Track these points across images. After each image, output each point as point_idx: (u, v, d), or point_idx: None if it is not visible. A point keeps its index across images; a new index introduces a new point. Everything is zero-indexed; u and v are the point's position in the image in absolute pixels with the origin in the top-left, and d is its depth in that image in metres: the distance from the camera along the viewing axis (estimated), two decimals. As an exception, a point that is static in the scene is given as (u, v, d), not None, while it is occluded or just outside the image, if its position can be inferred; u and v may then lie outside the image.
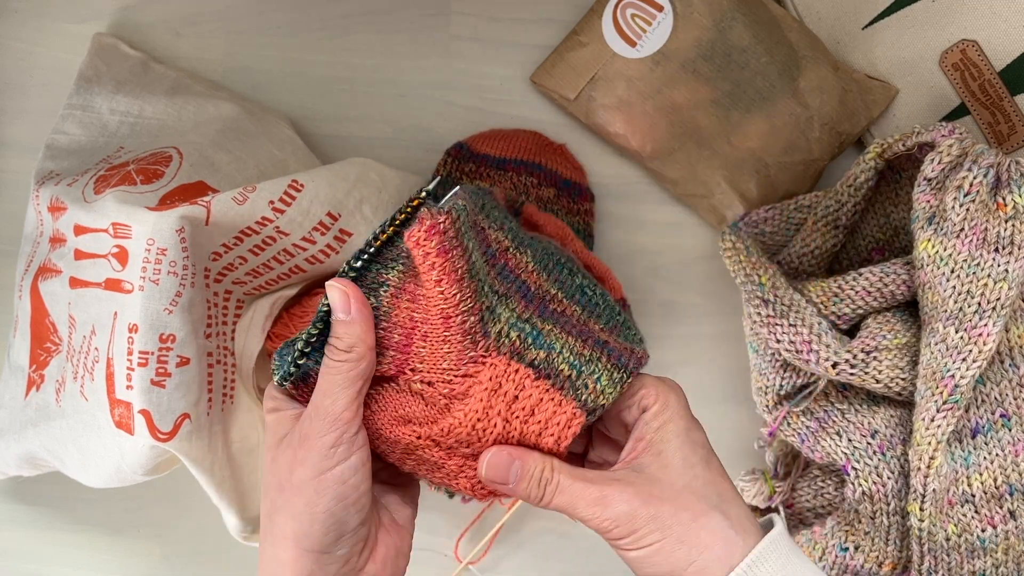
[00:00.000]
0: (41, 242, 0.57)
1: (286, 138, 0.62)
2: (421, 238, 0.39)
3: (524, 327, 0.41)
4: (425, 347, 0.41)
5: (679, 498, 0.39)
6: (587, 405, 0.40)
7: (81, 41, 0.64)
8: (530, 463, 0.40)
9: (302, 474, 0.40)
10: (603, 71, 0.62)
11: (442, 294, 0.39)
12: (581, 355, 0.41)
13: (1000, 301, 0.50)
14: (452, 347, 0.41)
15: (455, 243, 0.39)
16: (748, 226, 0.59)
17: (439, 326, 0.40)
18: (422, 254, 0.39)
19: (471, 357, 0.41)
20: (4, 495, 0.67)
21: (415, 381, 0.41)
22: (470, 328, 0.40)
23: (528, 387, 0.40)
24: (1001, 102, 0.59)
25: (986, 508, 0.52)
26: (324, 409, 0.40)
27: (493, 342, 0.41)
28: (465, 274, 0.40)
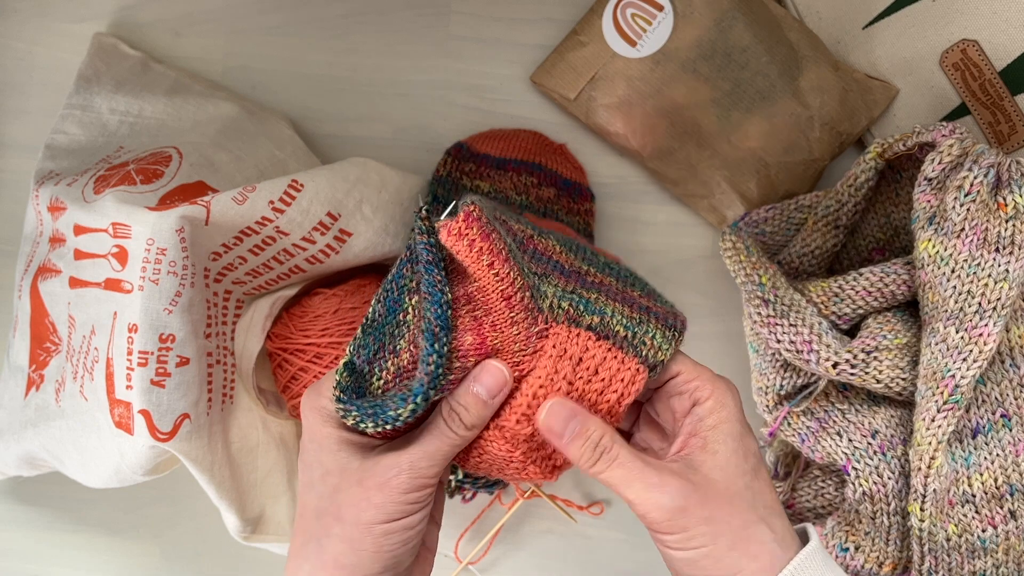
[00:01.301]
0: (41, 242, 0.57)
1: (286, 138, 0.62)
2: (462, 228, 0.39)
3: (573, 297, 0.42)
4: (498, 337, 0.41)
5: (732, 503, 0.38)
6: (648, 361, 0.41)
7: (81, 41, 0.64)
8: (591, 424, 0.39)
9: (373, 516, 0.39)
10: (603, 71, 0.62)
11: (496, 275, 0.40)
12: (632, 317, 0.42)
13: (1000, 301, 0.50)
14: (519, 327, 0.41)
15: (491, 226, 0.40)
16: (748, 226, 0.59)
17: (503, 310, 0.40)
18: (467, 243, 0.39)
19: (537, 332, 0.41)
20: (4, 495, 0.67)
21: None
22: (528, 303, 0.41)
23: (592, 348, 0.41)
24: (1001, 102, 0.59)
25: (987, 508, 0.52)
26: (419, 470, 0.39)
27: (549, 314, 0.41)
28: (510, 254, 0.40)
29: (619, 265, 0.48)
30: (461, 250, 0.40)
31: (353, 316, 0.56)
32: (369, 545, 0.39)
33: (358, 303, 0.57)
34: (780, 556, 0.38)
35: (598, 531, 0.65)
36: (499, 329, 0.41)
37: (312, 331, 0.56)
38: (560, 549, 0.66)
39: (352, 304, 0.57)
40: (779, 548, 0.38)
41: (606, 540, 0.65)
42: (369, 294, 0.58)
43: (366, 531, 0.39)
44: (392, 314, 0.42)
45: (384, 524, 0.39)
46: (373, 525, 0.39)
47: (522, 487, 0.61)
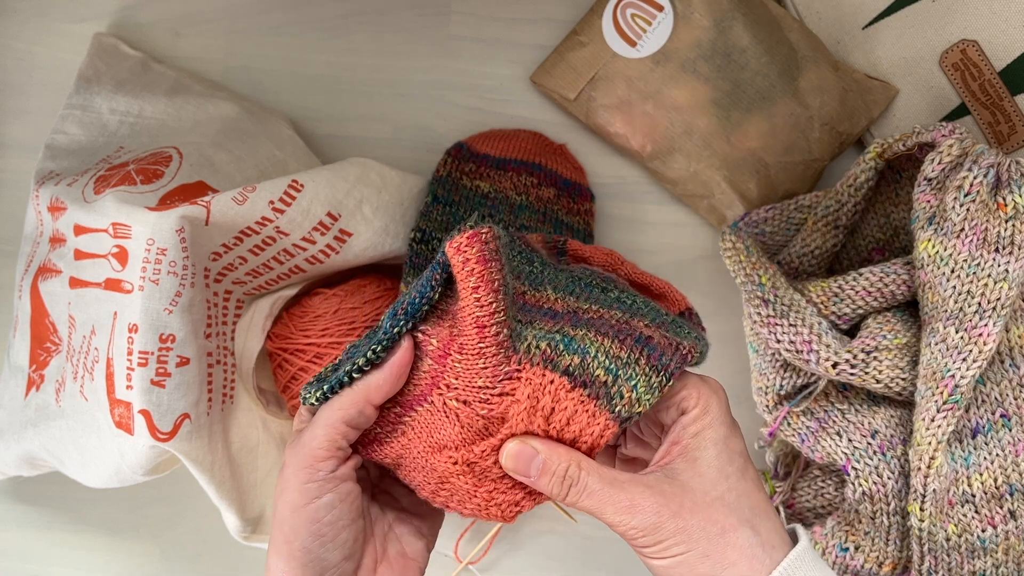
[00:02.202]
0: (41, 242, 0.57)
1: (286, 138, 0.62)
2: (463, 244, 0.39)
3: (554, 336, 0.41)
4: (461, 361, 0.40)
5: (709, 510, 0.38)
6: (620, 416, 0.40)
7: (81, 41, 0.64)
8: (553, 459, 0.39)
9: (281, 508, 0.40)
10: (603, 71, 0.62)
11: (478, 301, 0.39)
12: (618, 358, 0.40)
13: (1000, 301, 0.50)
14: (487, 361, 0.40)
15: (494, 255, 0.39)
16: (748, 226, 0.59)
17: (474, 337, 0.40)
18: (462, 260, 0.39)
19: (506, 372, 0.40)
20: (4, 495, 0.67)
21: (451, 399, 0.41)
22: (503, 340, 0.40)
23: (563, 398, 0.40)
24: (1001, 102, 0.59)
25: (986, 508, 0.52)
26: (304, 444, 0.40)
27: (524, 355, 0.40)
28: (501, 287, 0.40)
29: (633, 299, 0.46)
30: (455, 264, 0.39)
31: (353, 316, 0.56)
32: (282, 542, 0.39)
33: (358, 303, 0.57)
34: (763, 559, 0.38)
35: (598, 531, 0.65)
36: (465, 354, 0.40)
37: (312, 331, 0.56)
38: (560, 549, 0.66)
39: (352, 304, 0.57)
40: (762, 551, 0.38)
41: (606, 540, 0.65)
42: (369, 294, 0.58)
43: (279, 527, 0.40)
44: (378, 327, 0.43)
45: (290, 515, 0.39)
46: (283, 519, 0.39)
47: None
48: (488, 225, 0.40)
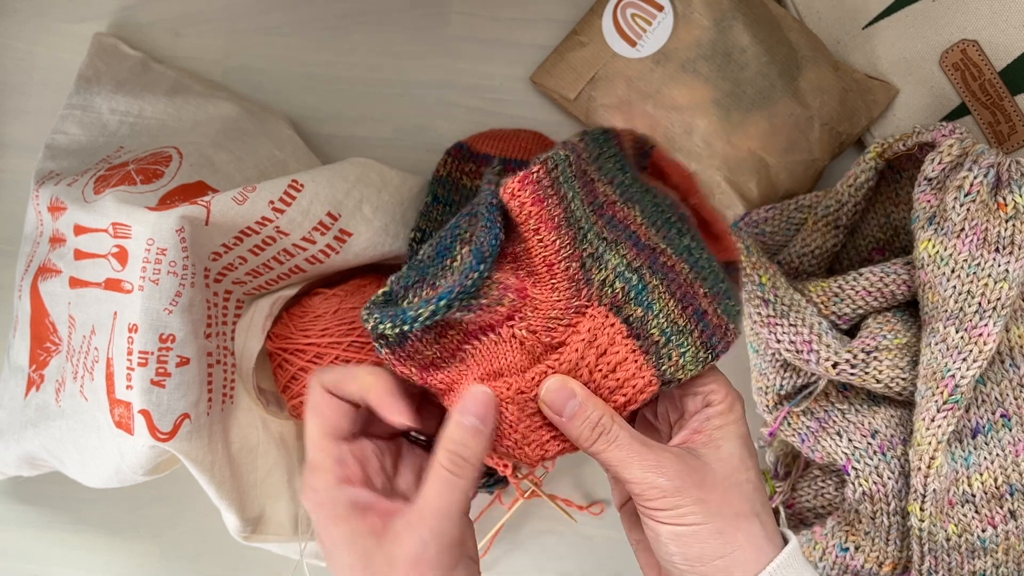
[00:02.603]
0: (41, 242, 0.57)
1: (286, 138, 0.62)
2: (515, 189, 0.40)
3: (631, 277, 0.42)
4: (539, 295, 0.41)
5: (729, 493, 0.39)
6: (664, 376, 0.41)
7: (81, 41, 0.64)
8: (589, 405, 0.40)
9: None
10: (603, 71, 0.62)
11: (541, 242, 0.40)
12: (676, 323, 0.42)
13: (1000, 301, 0.50)
14: (560, 294, 0.41)
15: (550, 192, 0.40)
16: (748, 226, 0.59)
17: (544, 274, 0.41)
18: (518, 204, 0.40)
19: (576, 306, 0.41)
20: (4, 495, 0.67)
21: (521, 328, 0.42)
22: (573, 274, 0.41)
23: (618, 343, 0.41)
24: (1001, 102, 0.59)
25: (986, 508, 0.52)
26: (443, 533, 0.38)
27: (596, 291, 0.41)
28: (562, 222, 0.40)
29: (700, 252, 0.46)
30: (512, 209, 0.40)
31: (353, 316, 0.56)
32: None
33: (358, 303, 0.57)
34: (766, 551, 0.39)
35: (598, 531, 0.65)
36: (540, 288, 0.41)
37: (312, 331, 0.56)
38: (560, 549, 0.66)
39: (352, 304, 0.57)
40: (766, 543, 0.39)
41: (606, 540, 0.65)
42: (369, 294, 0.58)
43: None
44: (440, 258, 0.43)
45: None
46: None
47: (522, 487, 0.61)
48: (540, 160, 0.40)
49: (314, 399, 0.41)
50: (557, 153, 0.41)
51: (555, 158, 0.41)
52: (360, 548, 0.38)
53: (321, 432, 0.41)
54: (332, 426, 0.41)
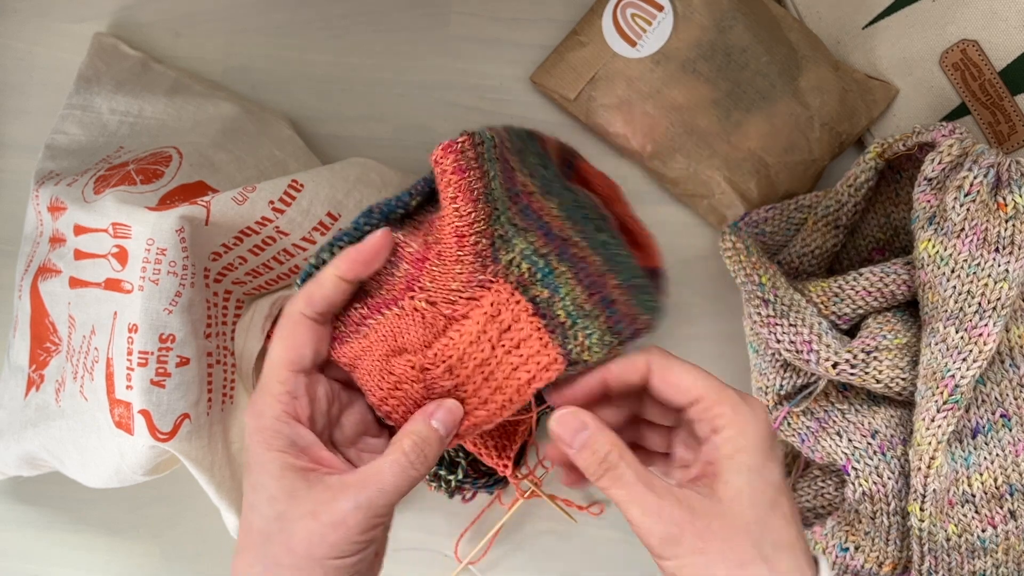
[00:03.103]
0: (41, 242, 0.57)
1: (286, 138, 0.62)
2: (439, 155, 0.40)
3: (538, 261, 0.42)
4: (438, 266, 0.42)
5: (733, 540, 0.38)
6: (571, 355, 0.41)
7: (81, 41, 0.64)
8: (599, 438, 0.40)
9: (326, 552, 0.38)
10: (603, 71, 0.62)
11: (456, 211, 0.40)
12: (582, 307, 0.42)
13: (1000, 301, 0.50)
14: (463, 267, 0.41)
15: (473, 164, 0.40)
16: (748, 226, 0.59)
17: (452, 244, 0.41)
18: (440, 171, 0.40)
19: (479, 280, 0.41)
20: (4, 495, 0.67)
21: (420, 299, 0.42)
22: (481, 250, 0.41)
23: (523, 320, 0.41)
24: (1001, 102, 0.59)
25: (986, 508, 0.52)
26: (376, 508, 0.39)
27: (503, 268, 0.42)
28: (481, 196, 0.41)
29: (618, 249, 0.47)
30: (437, 175, 0.40)
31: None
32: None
33: (358, 303, 0.57)
34: None
35: (598, 531, 0.65)
36: (443, 259, 0.41)
37: (312, 331, 0.56)
38: (560, 549, 0.66)
39: (352, 304, 0.57)
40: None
41: (606, 540, 0.65)
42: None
43: (318, 564, 0.39)
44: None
45: (337, 560, 0.39)
46: (325, 560, 0.39)
47: (522, 487, 0.61)
48: (468, 132, 0.40)
49: (285, 325, 0.42)
50: (483, 131, 0.41)
51: (481, 134, 0.41)
52: (288, 484, 0.39)
53: (283, 358, 0.41)
54: (297, 354, 0.41)
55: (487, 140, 0.41)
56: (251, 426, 0.41)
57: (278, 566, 0.39)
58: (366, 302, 0.43)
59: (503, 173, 0.42)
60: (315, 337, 0.42)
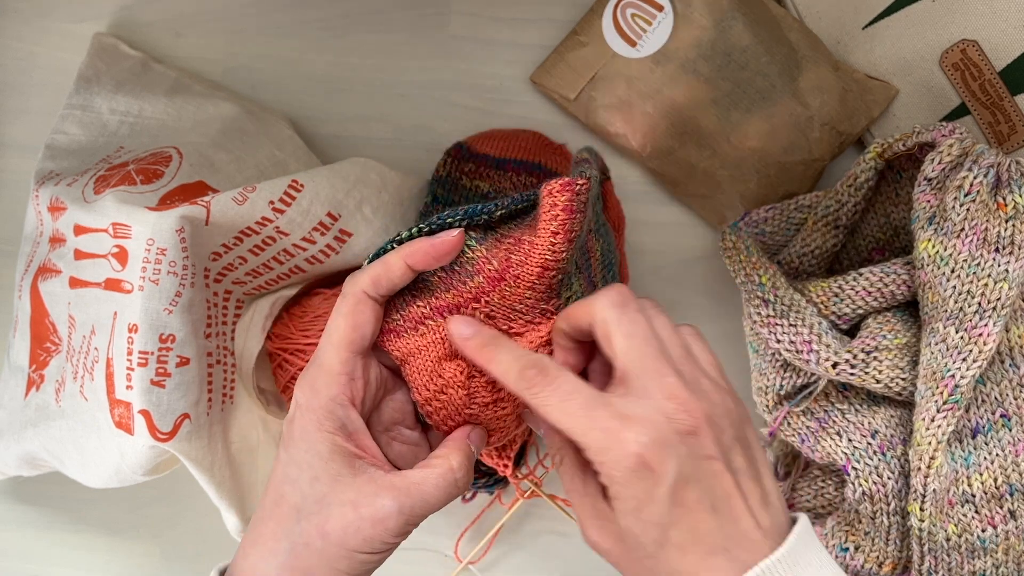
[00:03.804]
0: (41, 242, 0.57)
1: (286, 138, 0.62)
2: (556, 190, 0.41)
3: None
4: (511, 288, 0.42)
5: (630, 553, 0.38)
6: None
7: (81, 41, 0.64)
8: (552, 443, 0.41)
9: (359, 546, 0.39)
10: (603, 71, 0.62)
11: (553, 247, 0.41)
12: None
13: (1000, 301, 0.50)
14: (534, 294, 0.42)
15: (582, 207, 0.41)
16: (748, 226, 0.59)
17: (534, 273, 0.42)
18: (550, 203, 0.41)
19: (542, 309, 0.43)
20: (4, 495, 0.67)
21: (482, 312, 0.43)
22: (555, 284, 0.42)
23: None
24: (1001, 102, 0.59)
25: (986, 508, 0.52)
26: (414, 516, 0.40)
27: (562, 304, 0.43)
28: (576, 237, 0.42)
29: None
30: (544, 205, 0.41)
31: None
32: (344, 567, 0.39)
33: (358, 303, 0.57)
34: None
35: (598, 531, 0.65)
36: (519, 283, 0.42)
37: (312, 331, 0.56)
38: (560, 549, 0.66)
39: (352, 304, 0.57)
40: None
41: (606, 540, 0.65)
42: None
43: (347, 555, 0.39)
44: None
45: (366, 555, 0.39)
46: (356, 552, 0.39)
47: (522, 487, 0.61)
48: (586, 176, 0.42)
49: (348, 303, 0.42)
50: (593, 173, 0.43)
51: (594, 177, 0.42)
52: (335, 468, 0.40)
53: (345, 338, 0.42)
54: (359, 335, 0.42)
55: (595, 182, 0.42)
56: (303, 401, 0.41)
57: (307, 546, 0.39)
58: (429, 302, 0.44)
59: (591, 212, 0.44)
60: (375, 318, 0.43)
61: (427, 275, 0.44)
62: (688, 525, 0.36)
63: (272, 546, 0.40)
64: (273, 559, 0.40)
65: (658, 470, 0.35)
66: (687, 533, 0.36)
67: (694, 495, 0.36)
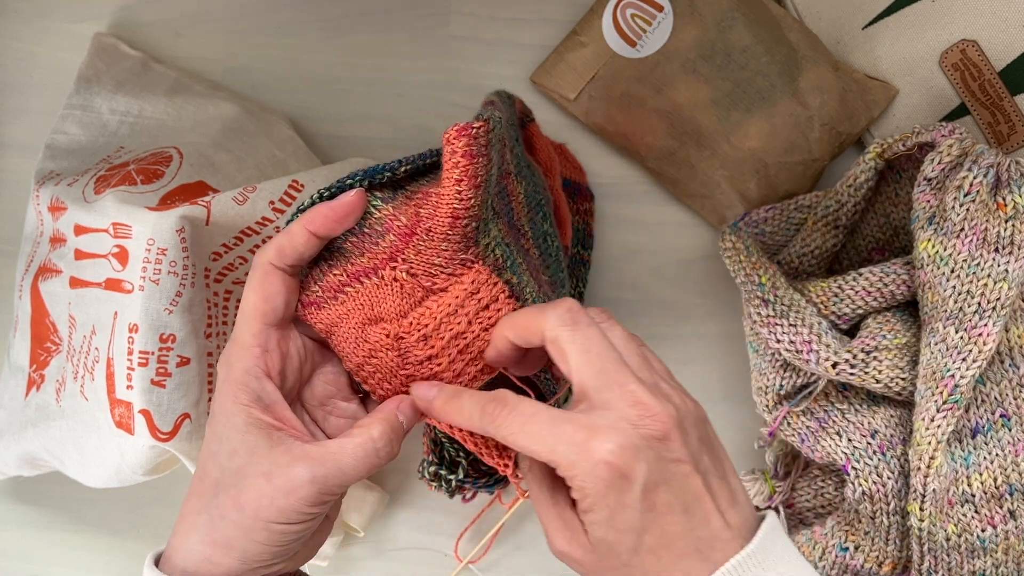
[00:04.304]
0: (41, 242, 0.57)
1: (286, 138, 0.62)
2: (452, 136, 0.40)
3: (506, 250, 0.44)
4: (425, 241, 0.42)
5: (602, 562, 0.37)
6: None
7: (81, 41, 0.64)
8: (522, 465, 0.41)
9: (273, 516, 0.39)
10: (603, 71, 0.62)
11: (458, 194, 0.40)
12: (539, 296, 0.44)
13: (1000, 301, 0.50)
14: (449, 245, 0.42)
15: (484, 151, 0.40)
16: (748, 226, 0.59)
17: (445, 224, 0.41)
18: (449, 151, 0.40)
19: (462, 259, 0.42)
20: (4, 495, 0.67)
21: (402, 270, 0.42)
22: (469, 232, 0.42)
23: (501, 300, 0.43)
24: (1001, 102, 0.59)
25: (986, 508, 0.52)
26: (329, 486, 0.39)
27: (481, 251, 0.43)
28: (483, 182, 0.41)
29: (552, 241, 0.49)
30: (445, 154, 0.40)
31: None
32: (262, 538, 0.39)
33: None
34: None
35: (598, 531, 0.65)
36: (432, 235, 0.41)
37: (312, 331, 0.56)
38: (560, 549, 0.66)
39: (352, 304, 0.57)
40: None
41: (606, 540, 0.65)
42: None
43: (263, 526, 0.39)
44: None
45: (282, 525, 0.39)
46: (271, 523, 0.39)
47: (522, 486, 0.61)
48: (484, 118, 0.41)
49: (255, 275, 0.42)
50: (495, 114, 0.41)
51: (495, 119, 0.41)
52: (251, 440, 0.40)
53: (256, 309, 0.41)
54: (269, 306, 0.41)
55: (498, 124, 0.41)
56: (220, 376, 0.41)
57: (223, 519, 0.39)
58: (345, 269, 0.43)
59: (499, 154, 0.43)
60: (286, 288, 0.42)
61: (340, 242, 0.43)
62: (661, 529, 0.36)
63: (193, 520, 0.40)
64: (194, 533, 0.40)
65: (629, 476, 0.35)
66: (659, 537, 0.36)
67: (665, 498, 0.36)
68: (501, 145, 0.43)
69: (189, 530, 0.40)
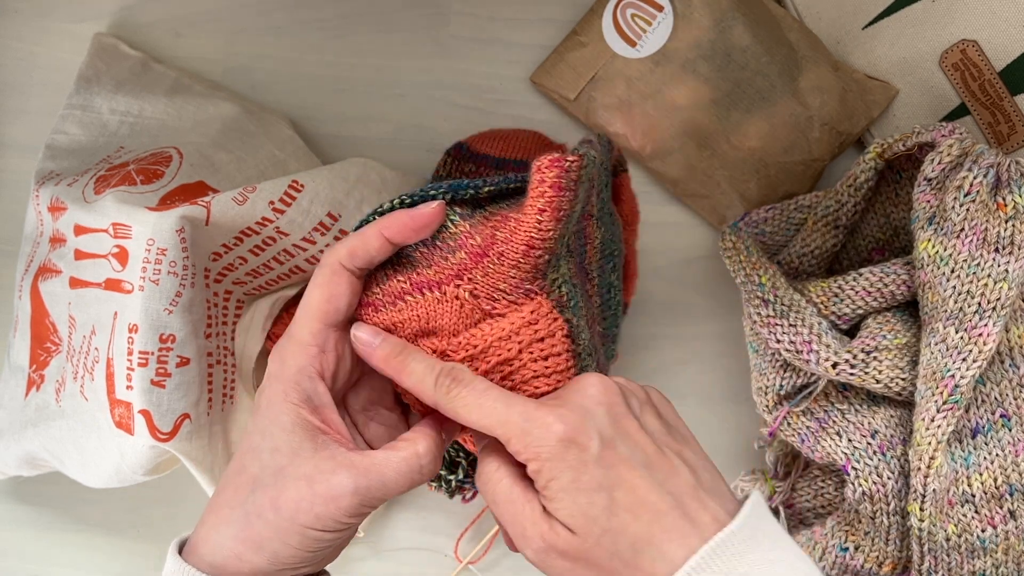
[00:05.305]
0: (41, 242, 0.57)
1: (286, 138, 0.62)
2: (544, 165, 0.40)
3: (572, 289, 0.43)
4: (495, 265, 0.41)
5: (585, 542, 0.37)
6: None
7: (81, 41, 0.64)
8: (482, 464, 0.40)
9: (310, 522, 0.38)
10: (603, 71, 0.62)
11: (539, 224, 0.40)
12: (592, 345, 0.44)
13: (1000, 301, 0.50)
14: (518, 273, 0.41)
15: (572, 185, 0.40)
16: (748, 226, 0.59)
17: (519, 251, 0.41)
18: (538, 179, 0.40)
19: (527, 289, 0.42)
20: (4, 495, 0.67)
21: (465, 290, 0.42)
22: (541, 264, 0.41)
23: (557, 337, 0.42)
24: (1001, 102, 0.59)
25: (986, 508, 0.52)
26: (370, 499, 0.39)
27: (548, 285, 0.42)
28: (565, 217, 0.40)
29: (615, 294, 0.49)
30: (532, 181, 0.40)
31: (353, 316, 0.56)
32: (296, 542, 0.38)
33: (358, 303, 0.57)
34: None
35: (598, 531, 0.65)
36: (503, 260, 0.41)
37: (312, 331, 0.56)
38: (560, 549, 0.66)
39: (352, 304, 0.57)
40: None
41: (606, 540, 0.65)
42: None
43: (298, 531, 0.38)
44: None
45: (318, 531, 0.38)
46: (307, 528, 0.38)
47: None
48: (579, 153, 0.40)
49: (323, 273, 0.41)
50: (590, 153, 0.41)
51: (589, 156, 0.41)
52: (296, 441, 0.39)
53: (319, 309, 0.41)
54: (332, 307, 0.41)
55: (591, 163, 0.41)
56: (272, 371, 0.41)
57: (259, 518, 0.39)
58: (410, 277, 0.43)
59: (586, 193, 0.43)
60: (351, 290, 0.42)
61: (409, 250, 0.43)
62: (629, 485, 0.36)
63: (227, 514, 0.39)
64: (226, 528, 0.39)
65: (584, 430, 0.37)
66: (630, 493, 0.36)
67: (624, 452, 0.37)
68: (590, 185, 0.43)
69: (220, 524, 0.39)
